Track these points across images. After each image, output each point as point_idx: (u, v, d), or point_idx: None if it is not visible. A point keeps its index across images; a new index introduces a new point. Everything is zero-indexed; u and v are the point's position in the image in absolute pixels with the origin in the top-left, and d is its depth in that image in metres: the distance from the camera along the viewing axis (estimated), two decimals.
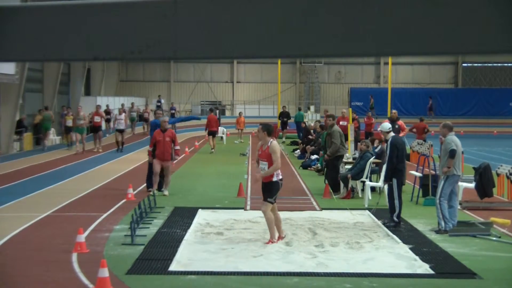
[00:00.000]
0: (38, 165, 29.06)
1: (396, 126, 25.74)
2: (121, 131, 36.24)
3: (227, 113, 67.14)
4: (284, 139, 45.40)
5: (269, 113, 63.44)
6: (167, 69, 68.75)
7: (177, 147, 20.49)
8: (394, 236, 14.19)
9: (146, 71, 68.77)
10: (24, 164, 29.29)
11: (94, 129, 36.78)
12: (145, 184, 20.99)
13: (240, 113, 48.82)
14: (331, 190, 20.09)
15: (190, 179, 24.57)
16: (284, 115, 47.04)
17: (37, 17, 3.87)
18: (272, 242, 13.44)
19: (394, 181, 15.44)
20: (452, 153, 14.95)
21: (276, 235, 13.66)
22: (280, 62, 58.75)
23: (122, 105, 49.05)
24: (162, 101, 59.86)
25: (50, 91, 43.16)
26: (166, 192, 20.14)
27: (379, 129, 16.91)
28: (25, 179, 24.30)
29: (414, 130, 32.92)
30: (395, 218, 15.29)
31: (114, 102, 53.96)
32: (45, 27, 3.89)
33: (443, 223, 14.77)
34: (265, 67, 67.88)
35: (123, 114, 37.86)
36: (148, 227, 15.18)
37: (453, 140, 15.07)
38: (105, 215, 16.77)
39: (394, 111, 27.45)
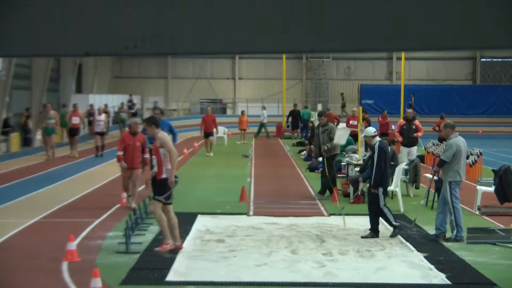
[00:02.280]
0: (26, 168, 29.08)
1: (414, 127, 25.62)
2: (100, 134, 34.00)
3: (229, 111, 67.14)
4: (294, 140, 45.46)
5: (273, 112, 63.42)
6: (164, 65, 68.76)
7: (146, 155, 19.06)
8: (408, 244, 14.18)
9: (141, 67, 68.77)
10: (11, 167, 29.30)
11: (71, 131, 34.78)
12: (142, 187, 20.76)
13: (242, 112, 48.76)
14: (328, 193, 20.16)
15: (188, 183, 24.56)
16: (295, 114, 46.89)
17: (24, 10, 3.87)
18: (165, 245, 13.37)
19: (380, 190, 15.23)
20: (440, 163, 15.02)
21: (171, 241, 13.52)
22: (285, 57, 58.72)
23: (106, 105, 48.12)
24: (134, 100, 57.85)
25: (38, 89, 43.16)
26: (133, 205, 18.10)
27: (363, 134, 16.90)
28: (12, 182, 24.32)
29: (437, 128, 33.10)
30: (394, 223, 15.16)
31: (108, 100, 53.95)
32: (33, 20, 3.89)
33: (455, 231, 14.75)
34: (269, 62, 67.83)
35: (103, 115, 35.09)
36: (144, 234, 15.18)
37: (456, 143, 14.99)
38: (97, 221, 16.78)
39: (410, 110, 27.34)
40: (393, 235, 15.01)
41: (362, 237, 14.93)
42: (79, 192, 21.60)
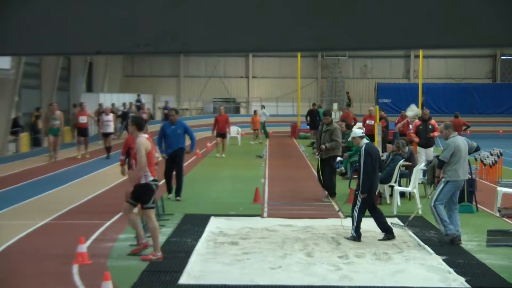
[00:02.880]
0: (35, 169, 29.17)
1: (430, 127, 25.48)
2: (107, 135, 33.67)
3: (242, 111, 67.16)
4: (312, 140, 45.38)
5: (288, 111, 63.41)
6: (176, 64, 68.83)
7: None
8: (426, 247, 14.15)
9: (153, 65, 68.85)
10: (21, 167, 29.41)
11: (79, 131, 34.23)
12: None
13: (255, 112, 48.73)
14: (328, 194, 20.11)
15: (201, 184, 24.59)
16: (313, 113, 46.71)
17: (33, 7, 3.87)
18: (153, 256, 13.10)
19: (360, 197, 15.13)
20: (440, 164, 14.98)
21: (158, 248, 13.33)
22: (300, 55, 58.68)
23: (113, 104, 48.01)
24: (143, 100, 57.58)
25: (48, 88, 43.28)
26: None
27: (351, 136, 16.87)
28: (21, 183, 24.41)
29: None
30: (353, 232, 15.03)
31: (119, 99, 54.04)
32: (42, 17, 3.89)
33: (443, 227, 14.67)
34: (284, 60, 67.80)
35: (111, 115, 34.94)
36: None
37: (455, 142, 14.94)
38: (108, 223, 16.82)
39: (426, 110, 27.20)
40: (348, 238, 14.97)
41: (379, 240, 14.89)
42: (89, 193, 21.64)
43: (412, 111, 25.98)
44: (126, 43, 3.78)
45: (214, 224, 16.69)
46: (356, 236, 14.87)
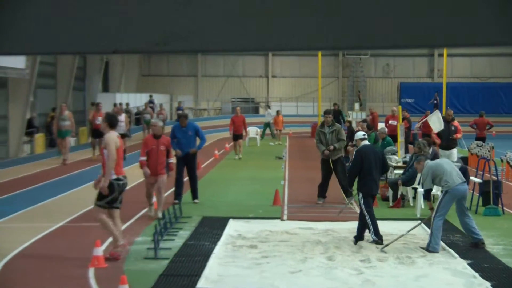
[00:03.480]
0: (51, 170, 29.29)
1: (453, 128, 25.19)
2: (120, 137, 32.95)
3: (261, 111, 67.12)
4: None
5: (308, 111, 63.31)
6: (194, 63, 68.92)
7: (171, 160, 18.64)
8: (450, 250, 14.10)
9: (170, 64, 68.97)
10: (36, 169, 29.54)
11: (95, 133, 33.26)
12: (171, 190, 20.69)
13: (278, 112, 48.82)
14: (345, 196, 20.08)
15: (220, 186, 24.62)
16: (336, 114, 46.46)
17: (48, 4, 3.89)
18: (121, 248, 13.46)
19: (360, 195, 15.18)
20: (428, 192, 14.99)
21: (122, 241, 13.68)
22: (320, 54, 58.59)
23: (127, 104, 47.61)
24: (155, 101, 56.28)
25: (64, 87, 43.47)
26: (159, 214, 17.63)
27: (355, 138, 16.91)
28: (37, 185, 24.53)
29: (475, 126, 33.12)
30: (373, 237, 14.96)
31: (136, 99, 54.17)
32: (58, 16, 3.90)
33: (429, 240, 14.37)
34: (304, 59, 67.73)
35: (123, 115, 34.15)
36: (173, 239, 15.24)
37: (428, 167, 14.84)
38: (125, 225, 16.84)
39: (449, 110, 26.89)
40: (370, 242, 14.91)
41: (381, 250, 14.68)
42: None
43: (435, 123, 25.73)
44: (143, 42, 3.79)
45: (233, 227, 16.70)
46: (378, 238, 14.83)
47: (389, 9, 3.81)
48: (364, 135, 16.07)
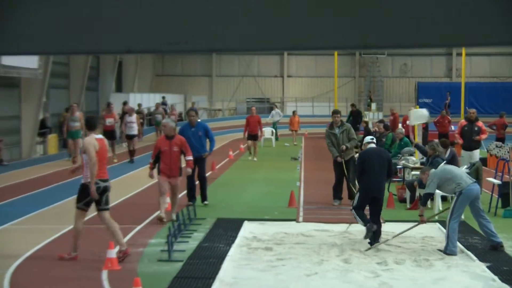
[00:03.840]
0: (64, 171, 29.32)
1: (476, 128, 24.76)
2: (130, 137, 32.51)
3: None
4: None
5: (324, 112, 63.14)
6: (208, 62, 68.96)
7: (189, 158, 18.07)
8: (469, 253, 14.05)
9: (184, 64, 69.03)
10: (48, 170, 29.62)
11: (105, 134, 30.80)
12: (184, 192, 20.61)
13: (294, 112, 48.78)
14: (351, 195, 20.09)
15: (234, 187, 24.62)
16: (356, 115, 46.12)
17: (62, 4, 3.90)
18: (67, 255, 13.60)
19: (357, 194, 15.57)
20: (427, 197, 15.05)
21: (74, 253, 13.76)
22: (336, 53, 58.47)
23: (139, 105, 47.22)
24: (168, 102, 55.06)
25: (77, 87, 43.60)
26: (173, 216, 17.13)
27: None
28: (49, 186, 24.61)
29: (494, 127, 33.10)
30: (366, 225, 15.18)
31: (149, 99, 54.20)
32: (70, 16, 3.91)
33: (446, 243, 14.33)
34: (320, 59, 67.68)
35: (134, 115, 33.50)
36: (187, 241, 15.25)
37: (435, 174, 14.81)
38: (138, 227, 16.89)
39: (472, 110, 26.38)
40: (365, 237, 15.08)
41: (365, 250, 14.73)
42: (118, 197, 21.70)
43: (418, 118, 25.50)
44: (157, 42, 3.79)
45: (248, 229, 16.70)
46: (368, 227, 14.98)
47: (405, 7, 3.81)
48: (372, 139, 16.10)
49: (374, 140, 16.22)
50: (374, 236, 14.91)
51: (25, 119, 35.57)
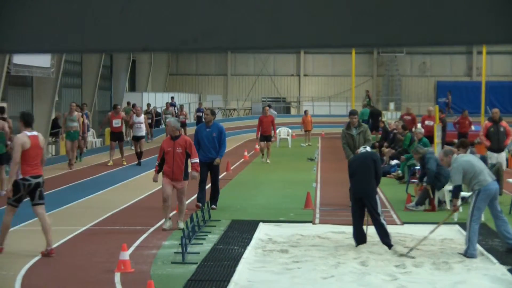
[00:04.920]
0: (76, 172, 29.45)
1: (501, 129, 24.36)
2: (138, 139, 31.87)
3: (293, 111, 67.11)
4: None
5: (341, 111, 63.12)
6: (223, 61, 69.07)
7: (195, 160, 17.22)
8: (490, 256, 14.01)
9: (199, 63, 69.16)
10: (60, 171, 29.71)
11: (112, 136, 32.47)
12: (194, 197, 20.43)
13: (306, 112, 48.53)
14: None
15: (249, 188, 24.63)
16: (375, 115, 45.90)
17: (76, 2, 3.91)
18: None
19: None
20: (455, 190, 14.94)
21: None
22: (354, 52, 58.43)
23: (148, 105, 46.68)
24: (176, 103, 53.44)
25: (90, 87, 43.73)
26: (181, 225, 16.22)
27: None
28: (61, 187, 24.68)
29: None
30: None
31: (163, 99, 54.28)
32: (83, 12, 3.92)
33: (466, 246, 14.27)
34: (337, 57, 67.65)
35: (143, 116, 33.12)
36: (202, 243, 15.26)
37: (459, 162, 14.67)
38: (152, 229, 16.91)
39: (495, 109, 25.83)
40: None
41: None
42: (131, 198, 21.79)
43: None
44: (173, 40, 3.80)
45: (263, 231, 16.71)
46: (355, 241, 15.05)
47: (424, 5, 3.80)
48: (364, 147, 16.36)
49: (367, 148, 16.31)
50: (384, 239, 14.97)
51: (37, 118, 35.56)
